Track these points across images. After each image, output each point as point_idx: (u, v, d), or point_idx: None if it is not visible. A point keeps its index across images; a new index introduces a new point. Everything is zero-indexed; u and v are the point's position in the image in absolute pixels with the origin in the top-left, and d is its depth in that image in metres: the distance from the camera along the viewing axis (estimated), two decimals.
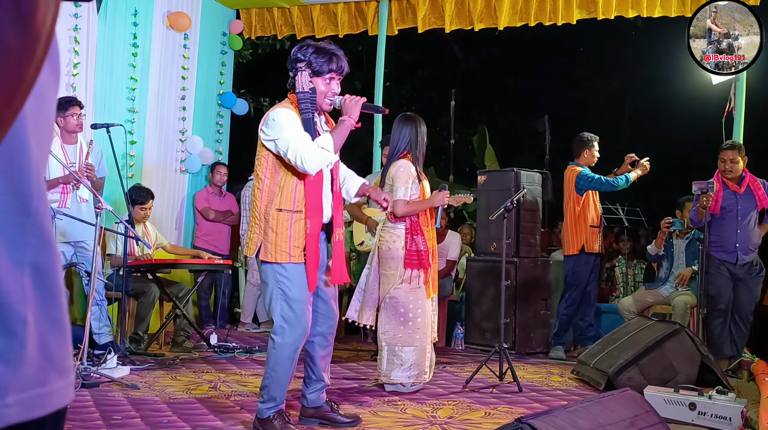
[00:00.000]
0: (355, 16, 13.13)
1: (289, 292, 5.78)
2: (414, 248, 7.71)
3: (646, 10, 11.37)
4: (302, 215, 5.81)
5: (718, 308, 9.52)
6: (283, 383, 5.90)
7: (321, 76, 5.93)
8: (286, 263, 5.78)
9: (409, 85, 27.20)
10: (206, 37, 12.94)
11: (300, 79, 5.90)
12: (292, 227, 5.79)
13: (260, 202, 5.84)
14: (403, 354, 7.73)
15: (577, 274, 10.66)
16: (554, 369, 9.63)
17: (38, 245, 1.25)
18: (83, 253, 9.17)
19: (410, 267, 7.70)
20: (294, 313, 5.80)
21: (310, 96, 5.89)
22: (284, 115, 5.80)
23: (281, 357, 5.83)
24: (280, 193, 5.80)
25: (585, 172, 10.55)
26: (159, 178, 12.04)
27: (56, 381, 1.27)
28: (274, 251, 5.76)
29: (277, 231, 5.76)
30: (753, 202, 9.55)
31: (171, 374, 8.44)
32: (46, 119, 1.28)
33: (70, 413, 6.28)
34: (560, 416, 4.76)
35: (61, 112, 9.03)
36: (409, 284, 7.71)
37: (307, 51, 5.92)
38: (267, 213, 5.79)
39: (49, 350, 1.26)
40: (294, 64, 5.95)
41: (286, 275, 5.79)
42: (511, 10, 12.07)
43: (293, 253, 5.78)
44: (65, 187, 8.98)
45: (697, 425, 6.50)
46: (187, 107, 12.56)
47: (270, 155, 5.82)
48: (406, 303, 7.73)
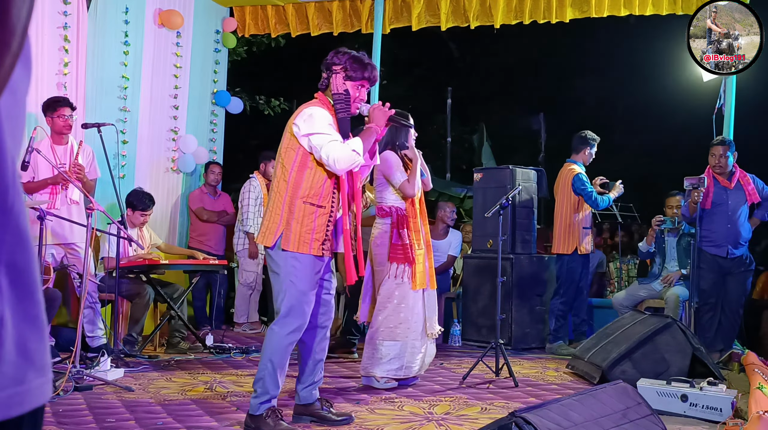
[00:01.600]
0: (350, 14, 13.10)
1: (299, 283, 5.86)
2: (399, 242, 7.77)
3: (638, 9, 11.37)
4: (326, 211, 5.95)
5: (709, 301, 9.59)
6: (278, 375, 5.93)
7: (354, 81, 6.10)
8: (304, 255, 5.85)
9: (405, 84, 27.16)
10: (199, 35, 12.86)
11: (335, 82, 6.08)
12: (316, 220, 5.90)
13: (285, 194, 5.90)
14: (383, 348, 7.76)
15: (570, 271, 10.72)
16: (549, 364, 9.66)
17: (14, 242, 1.24)
18: (74, 254, 9.12)
19: (395, 261, 7.76)
20: (299, 305, 5.87)
21: (345, 98, 6.07)
22: (321, 114, 5.94)
23: (279, 347, 5.88)
24: (307, 186, 5.89)
25: (581, 176, 10.59)
26: (152, 178, 11.96)
27: (34, 379, 1.26)
28: (297, 241, 5.85)
29: (302, 222, 5.86)
30: (743, 197, 9.61)
31: (166, 375, 8.41)
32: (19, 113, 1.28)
33: (62, 416, 6.30)
34: (553, 409, 4.80)
35: (50, 112, 9.01)
36: (394, 278, 7.76)
37: (344, 57, 6.12)
38: (292, 204, 5.88)
39: (27, 348, 1.25)
40: (330, 67, 6.13)
41: (299, 267, 5.87)
42: (506, 8, 12.05)
43: (314, 245, 5.89)
44: (54, 188, 8.92)
45: (689, 416, 6.55)
46: (180, 106, 12.48)
47: (300, 149, 5.90)
48: (390, 297, 7.79)
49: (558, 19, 11.82)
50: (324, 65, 6.18)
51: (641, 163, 24.43)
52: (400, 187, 7.85)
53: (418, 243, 7.86)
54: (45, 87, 10.06)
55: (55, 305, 8.81)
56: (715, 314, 9.60)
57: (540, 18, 11.95)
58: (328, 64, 6.14)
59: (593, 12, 11.57)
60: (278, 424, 5.89)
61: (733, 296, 9.67)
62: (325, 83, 6.16)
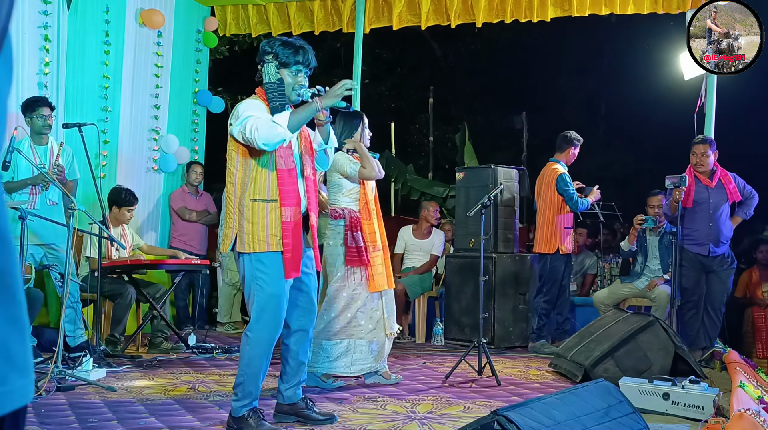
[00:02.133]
0: (331, 13, 13.09)
1: (266, 286, 5.78)
2: (353, 244, 7.73)
3: (619, 8, 11.39)
4: (277, 204, 5.81)
5: (691, 299, 9.61)
6: (258, 379, 5.89)
7: (288, 67, 5.96)
8: (264, 253, 5.77)
9: (387, 83, 27.20)
10: (180, 34, 12.80)
11: (267, 71, 5.94)
12: (267, 216, 5.79)
13: (233, 196, 5.83)
14: (329, 347, 7.76)
15: (553, 269, 10.74)
16: (532, 363, 9.68)
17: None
18: (55, 254, 9.09)
19: (350, 264, 7.74)
20: (270, 307, 5.80)
21: (277, 87, 5.91)
22: (249, 103, 5.87)
23: (255, 352, 5.84)
24: (252, 183, 5.80)
25: (565, 177, 10.61)
26: (133, 177, 11.88)
27: (16, 380, 1.25)
28: (251, 241, 5.76)
29: (253, 221, 5.77)
30: (724, 195, 9.63)
31: (148, 375, 8.40)
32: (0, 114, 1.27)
33: (45, 416, 6.28)
34: (536, 407, 4.80)
35: (30, 112, 8.99)
36: (346, 279, 7.76)
37: (275, 44, 5.99)
38: (241, 204, 5.80)
39: (9, 350, 1.24)
40: (262, 57, 6.00)
41: (262, 268, 5.79)
42: (488, 7, 12.05)
43: (271, 241, 5.77)
44: (33, 188, 8.90)
45: (671, 415, 6.55)
46: (161, 106, 12.42)
47: (240, 147, 5.81)
48: (338, 298, 7.77)
49: (539, 18, 11.82)
50: (257, 58, 6.05)
51: (623, 162, 24.48)
52: (360, 174, 7.78)
53: (374, 245, 7.83)
54: (26, 87, 10.03)
55: (37, 306, 8.80)
56: (697, 313, 9.62)
57: (521, 17, 11.94)
58: (260, 54, 6.01)
59: (575, 11, 11.56)
60: (260, 424, 5.86)
61: (715, 295, 9.69)
62: (260, 76, 6.02)
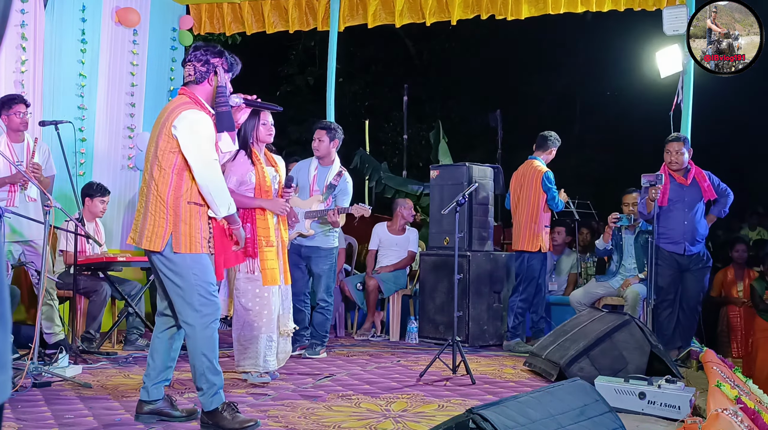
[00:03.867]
0: (306, 12, 13.11)
1: (202, 275, 5.88)
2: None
3: (595, 5, 11.41)
4: (206, 209, 5.99)
5: (667, 298, 9.61)
6: (216, 365, 5.95)
7: (229, 73, 6.16)
8: (199, 254, 5.88)
9: (361, 81, 27.22)
10: (156, 33, 12.81)
11: (221, 74, 6.03)
12: (201, 219, 5.92)
13: (167, 196, 5.82)
14: (248, 343, 7.76)
15: (531, 268, 10.75)
16: (507, 361, 9.68)
17: None
18: (32, 251, 9.08)
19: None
20: (209, 295, 5.91)
21: (226, 91, 6.06)
22: (205, 124, 5.90)
23: (204, 339, 5.89)
24: (188, 187, 5.86)
25: (550, 175, 10.65)
26: (109, 175, 11.88)
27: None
28: (188, 242, 5.84)
29: (190, 223, 5.85)
30: (699, 193, 9.64)
31: (124, 372, 8.41)
32: None
33: (21, 412, 6.27)
34: (511, 406, 4.80)
35: (5, 109, 8.97)
36: (246, 272, 7.74)
37: (216, 50, 6.12)
38: (177, 206, 5.81)
39: None
40: (209, 62, 6.05)
41: (200, 267, 5.89)
42: (463, 4, 12.09)
43: (204, 244, 5.94)
44: (12, 186, 8.89)
45: (647, 414, 6.56)
46: (136, 104, 12.41)
47: (180, 155, 5.83)
48: (244, 292, 7.78)
49: (514, 16, 11.86)
50: (197, 60, 6.04)
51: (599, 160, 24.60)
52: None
53: (267, 240, 7.77)
54: (2, 85, 10.03)
55: (14, 302, 8.81)
56: (673, 312, 9.63)
57: (497, 14, 11.97)
58: (204, 59, 6.03)
59: (549, 9, 11.59)
60: (235, 416, 5.89)
61: (691, 293, 9.69)
62: (204, 78, 6.03)
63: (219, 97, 5.99)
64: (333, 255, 9.89)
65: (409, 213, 12.34)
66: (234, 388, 7.54)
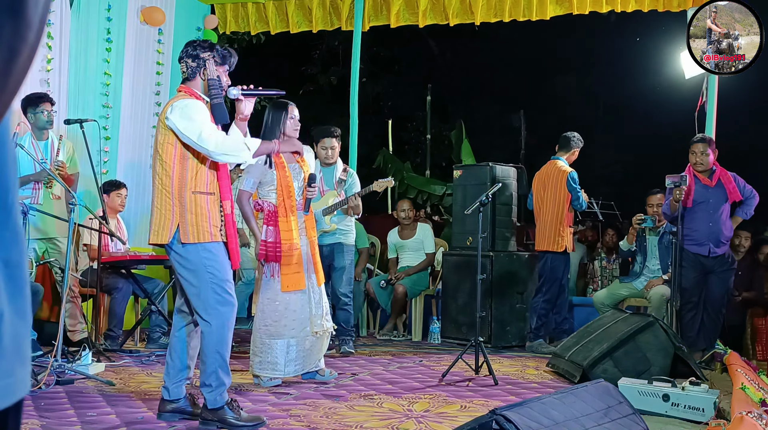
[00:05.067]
0: (330, 11, 13.11)
1: (218, 273, 5.85)
2: (264, 238, 7.60)
3: (620, 5, 11.38)
4: (216, 197, 5.96)
5: (691, 300, 9.56)
6: (227, 365, 5.96)
7: (222, 66, 6.16)
8: (209, 243, 5.83)
9: (385, 81, 27.22)
10: (181, 32, 12.78)
11: (210, 67, 6.05)
12: (208, 207, 5.88)
13: (171, 188, 5.85)
14: (263, 347, 7.69)
15: (554, 268, 10.72)
16: (530, 362, 9.65)
17: (11, 238, 1.25)
18: (55, 249, 9.12)
19: (262, 258, 7.62)
20: (226, 293, 5.87)
21: (218, 83, 6.08)
22: (195, 105, 5.90)
23: (221, 337, 5.87)
24: (192, 176, 5.86)
25: (575, 176, 10.61)
26: (134, 174, 11.90)
27: (20, 370, 1.27)
28: (196, 231, 5.81)
29: (196, 212, 5.83)
30: (724, 195, 9.59)
31: (146, 370, 8.43)
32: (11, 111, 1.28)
33: (44, 410, 6.29)
34: (534, 407, 4.79)
35: (31, 108, 9.02)
36: (268, 276, 7.66)
37: (206, 44, 6.18)
38: (182, 197, 5.83)
39: (19, 342, 1.26)
40: (198, 57, 6.10)
41: (211, 257, 5.85)
42: (486, 5, 12.05)
43: (214, 232, 5.87)
44: (37, 184, 8.93)
45: (671, 416, 6.54)
46: (161, 103, 12.38)
47: (178, 143, 5.86)
48: (266, 293, 7.71)
49: (539, 17, 11.81)
50: (188, 56, 6.11)
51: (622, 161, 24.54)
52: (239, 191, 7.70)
53: (290, 243, 7.62)
54: (28, 83, 9.99)
55: (37, 300, 8.83)
56: (697, 313, 9.58)
57: (520, 16, 11.93)
58: (194, 54, 6.09)
59: (575, 9, 11.55)
60: (240, 413, 5.93)
61: (716, 295, 9.64)
62: (195, 72, 6.09)
63: (211, 89, 6.03)
64: (353, 251, 9.98)
65: (407, 213, 12.32)
66: (257, 387, 7.56)
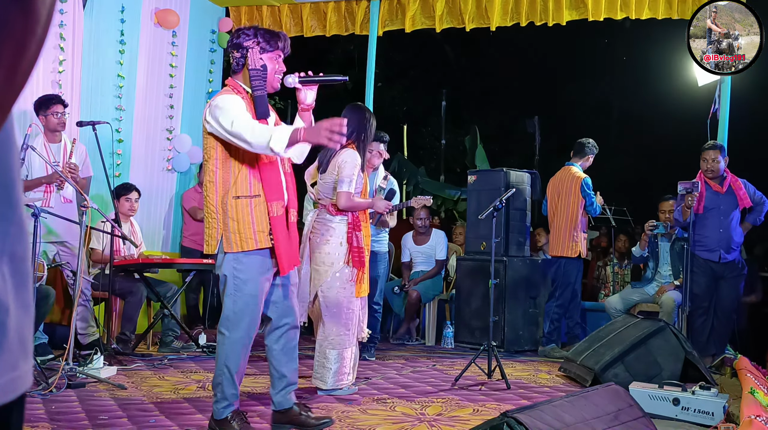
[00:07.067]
0: (345, 16, 13.11)
1: (243, 286, 5.63)
2: (356, 244, 7.44)
3: (634, 12, 11.38)
4: (262, 199, 5.65)
5: (702, 305, 9.59)
6: (236, 380, 5.77)
7: (269, 53, 5.78)
8: (246, 252, 5.61)
9: (400, 86, 27.19)
10: (195, 34, 12.85)
11: (252, 56, 5.74)
12: (252, 212, 5.61)
13: (215, 195, 5.64)
14: (332, 356, 7.51)
15: (567, 274, 10.75)
16: (542, 367, 9.67)
17: (17, 233, 1.26)
18: (67, 252, 9.13)
19: (354, 264, 7.45)
20: (246, 307, 5.66)
21: (262, 73, 5.74)
22: (228, 99, 5.63)
23: (232, 352, 5.70)
24: (234, 181, 5.61)
25: (589, 182, 10.64)
26: (147, 176, 11.97)
27: (23, 365, 1.27)
28: (238, 240, 5.59)
29: (237, 219, 5.58)
30: (735, 201, 9.62)
31: (159, 374, 8.41)
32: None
33: (55, 413, 6.28)
34: (545, 410, 4.80)
35: (43, 109, 9.00)
36: (346, 281, 7.47)
37: (252, 31, 5.80)
38: (224, 203, 5.60)
39: (23, 335, 1.27)
40: (241, 46, 5.78)
41: (243, 268, 5.62)
42: (502, 10, 12.04)
43: (259, 238, 5.61)
44: (48, 186, 8.89)
45: (681, 420, 6.55)
46: (174, 105, 12.48)
47: (218, 145, 5.63)
48: (338, 303, 7.48)
49: (555, 21, 11.81)
50: (232, 47, 5.82)
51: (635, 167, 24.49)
52: (340, 193, 7.37)
53: (368, 248, 7.60)
54: (40, 85, 10.06)
55: (49, 303, 8.81)
56: (707, 319, 9.60)
57: (537, 20, 11.93)
58: (237, 43, 5.78)
59: (590, 14, 11.55)
60: (244, 427, 5.78)
61: (726, 301, 9.67)
62: (240, 64, 5.80)
63: (252, 80, 5.74)
64: (386, 259, 10.04)
65: (423, 220, 12.34)
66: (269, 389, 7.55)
